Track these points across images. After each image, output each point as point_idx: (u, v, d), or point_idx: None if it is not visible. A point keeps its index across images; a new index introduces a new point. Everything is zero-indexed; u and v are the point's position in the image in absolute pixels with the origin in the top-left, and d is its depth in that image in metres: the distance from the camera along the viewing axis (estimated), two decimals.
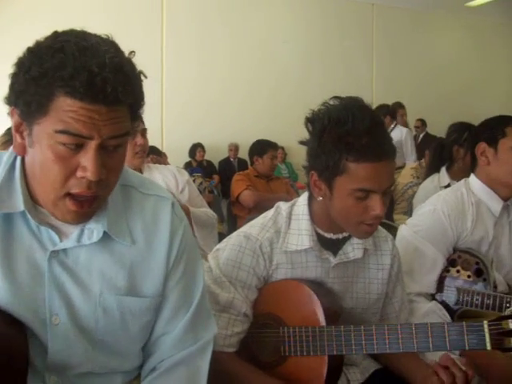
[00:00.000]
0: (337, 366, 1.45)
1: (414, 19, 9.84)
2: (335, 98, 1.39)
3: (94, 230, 1.08)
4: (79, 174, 0.97)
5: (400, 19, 9.73)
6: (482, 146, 1.96)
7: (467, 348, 1.27)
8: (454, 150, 3.13)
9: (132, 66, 1.00)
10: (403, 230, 2.00)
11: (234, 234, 1.55)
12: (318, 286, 1.49)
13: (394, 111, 6.36)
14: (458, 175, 2.11)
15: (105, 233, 1.08)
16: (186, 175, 2.79)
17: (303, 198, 1.55)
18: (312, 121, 1.40)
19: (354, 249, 1.52)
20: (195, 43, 8.24)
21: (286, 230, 1.50)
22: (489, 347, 1.24)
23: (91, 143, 0.95)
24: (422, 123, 8.54)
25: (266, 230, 1.50)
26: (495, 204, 1.96)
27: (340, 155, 1.32)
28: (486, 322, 1.25)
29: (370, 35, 9.65)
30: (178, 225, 1.18)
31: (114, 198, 1.10)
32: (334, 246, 1.52)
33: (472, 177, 2.04)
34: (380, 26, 9.66)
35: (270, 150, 4.38)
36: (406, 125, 6.87)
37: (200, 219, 2.61)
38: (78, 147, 0.96)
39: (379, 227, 1.62)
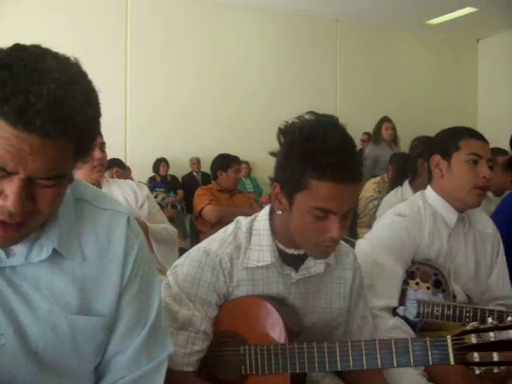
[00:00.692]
0: (300, 383, 1.43)
1: (375, 36, 10.04)
2: (311, 113, 1.38)
3: (44, 246, 1.03)
4: (0, 201, 0.89)
5: (362, 35, 9.92)
6: (436, 158, 1.97)
7: (431, 363, 1.26)
8: (419, 163, 3.16)
9: (82, 99, 0.90)
10: (362, 244, 1.99)
11: (194, 249, 1.52)
12: (279, 302, 1.46)
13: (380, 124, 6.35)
14: (421, 189, 2.12)
15: (54, 250, 1.04)
16: (145, 190, 2.75)
17: (264, 212, 1.53)
18: (284, 133, 1.38)
19: (315, 263, 1.51)
20: (161, 57, 8.24)
21: (247, 245, 1.48)
22: (452, 362, 1.23)
23: (16, 175, 0.88)
24: (369, 137, 8.67)
25: (225, 245, 1.47)
26: (450, 215, 1.97)
27: (304, 171, 1.30)
28: (449, 337, 1.24)
29: (333, 51, 9.79)
30: (133, 241, 1.14)
31: (66, 213, 1.06)
32: (295, 262, 1.50)
33: (428, 189, 2.04)
34: (343, 42, 9.82)
35: (233, 164, 4.36)
36: (392, 139, 6.42)
37: (159, 236, 2.56)
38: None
39: (341, 241, 1.61)
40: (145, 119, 8.12)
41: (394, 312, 1.88)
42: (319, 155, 1.28)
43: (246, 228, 1.50)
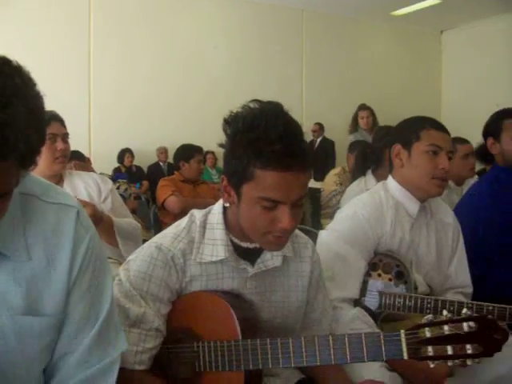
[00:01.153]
0: (256, 379, 1.39)
1: (342, 26, 10.06)
2: (255, 101, 1.33)
3: None
4: None
5: (329, 26, 9.92)
6: (397, 147, 1.95)
7: (384, 358, 1.23)
8: (386, 152, 3.14)
9: (23, 120, 0.83)
10: (323, 235, 1.96)
11: (146, 244, 1.46)
12: (233, 297, 1.42)
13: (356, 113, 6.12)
14: (384, 178, 2.10)
15: None
16: (109, 184, 2.67)
17: (218, 205, 1.48)
18: (228, 123, 1.34)
19: (273, 257, 1.46)
20: (124, 47, 8.08)
21: (201, 240, 1.43)
22: (406, 356, 1.20)
23: None
24: (320, 127, 8.69)
25: (178, 240, 1.42)
26: (412, 205, 1.96)
27: (248, 161, 1.26)
28: (402, 332, 1.21)
29: (299, 41, 9.77)
30: (82, 235, 1.08)
31: (10, 209, 0.98)
32: (251, 255, 1.45)
33: (390, 179, 2.02)
34: (309, 32, 9.80)
35: (196, 154, 4.31)
36: (370, 127, 6.09)
37: (124, 231, 2.48)
38: None
39: (299, 233, 1.59)
40: (108, 109, 7.97)
41: (356, 303, 1.86)
42: (262, 144, 1.24)
43: (200, 222, 1.45)
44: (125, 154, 8.15)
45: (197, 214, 1.49)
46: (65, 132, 2.44)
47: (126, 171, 8.12)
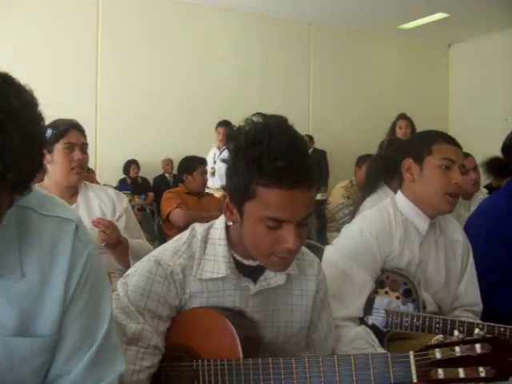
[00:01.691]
0: None
1: (349, 39, 10.05)
2: (259, 114, 1.28)
3: None
4: None
5: (336, 39, 9.92)
6: (408, 162, 1.91)
7: (392, 381, 1.17)
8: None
9: (17, 147, 0.79)
10: (330, 252, 1.91)
11: (145, 257, 1.41)
12: (235, 314, 1.36)
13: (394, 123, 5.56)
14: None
15: None
16: (124, 202, 2.55)
17: (220, 221, 1.42)
18: (231, 138, 1.29)
19: (276, 274, 1.41)
20: (132, 57, 8.11)
21: (201, 255, 1.38)
22: (415, 379, 1.14)
23: None
24: (310, 139, 8.61)
25: (178, 255, 1.37)
26: (422, 222, 1.90)
27: (251, 178, 1.20)
28: (411, 353, 1.16)
29: (307, 54, 9.77)
30: (80, 251, 1.03)
31: (5, 223, 0.93)
32: (254, 273, 1.40)
33: (399, 194, 1.98)
34: (317, 45, 9.80)
35: (199, 166, 4.28)
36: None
37: (137, 253, 2.40)
38: None
39: (305, 250, 1.53)
40: (114, 121, 7.96)
41: (361, 321, 1.80)
42: (265, 160, 1.18)
43: (202, 237, 1.40)
44: (130, 165, 8.12)
45: (198, 228, 1.44)
46: (84, 142, 2.36)
47: (132, 183, 8.10)
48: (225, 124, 6.43)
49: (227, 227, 1.40)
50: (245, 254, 1.37)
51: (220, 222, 1.41)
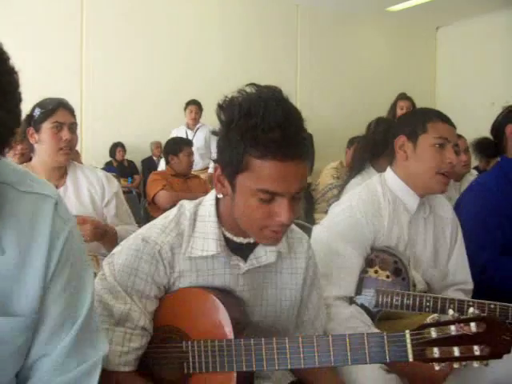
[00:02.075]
0: (247, 380, 1.32)
1: (337, 21, 9.96)
2: (252, 85, 1.24)
3: None
4: None
5: (323, 20, 9.82)
6: (402, 139, 1.88)
7: (388, 360, 1.16)
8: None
9: None
10: (319, 231, 1.89)
11: (132, 236, 1.37)
12: (224, 293, 1.34)
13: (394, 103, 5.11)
14: (384, 171, 2.03)
15: None
16: (115, 186, 2.46)
17: (210, 196, 1.39)
18: (223, 109, 1.24)
19: (266, 252, 1.38)
20: (117, 37, 7.97)
21: (190, 233, 1.34)
22: (411, 358, 1.14)
23: None
24: None
25: (166, 232, 1.33)
26: (411, 201, 1.89)
27: (244, 149, 1.17)
28: (407, 332, 1.14)
29: (294, 36, 9.68)
30: (60, 227, 1.00)
31: None
32: (244, 251, 1.37)
33: (388, 171, 1.95)
34: (304, 28, 9.70)
35: (185, 147, 4.23)
36: None
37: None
38: None
39: (295, 227, 1.51)
40: (100, 103, 7.83)
41: (351, 301, 1.79)
42: (260, 132, 1.15)
43: (190, 213, 1.36)
44: (116, 147, 8.04)
45: (187, 205, 1.40)
46: (73, 121, 2.30)
47: (118, 166, 8.02)
48: (194, 103, 6.51)
49: (217, 203, 1.36)
50: (235, 231, 1.34)
51: (209, 199, 1.38)
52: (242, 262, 1.36)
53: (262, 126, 1.15)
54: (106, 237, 2.24)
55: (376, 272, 1.79)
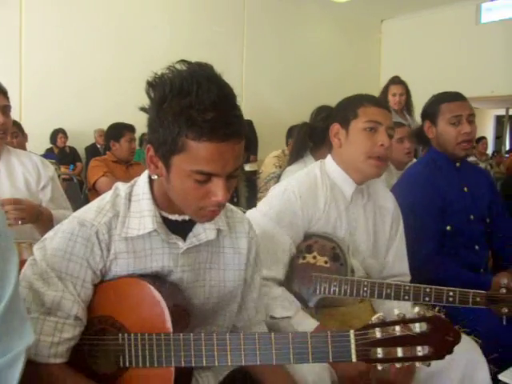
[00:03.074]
0: (186, 374, 1.29)
1: (283, 10, 9.97)
2: (183, 61, 1.19)
3: None
4: None
5: (270, 9, 9.81)
6: (336, 127, 1.89)
7: (331, 360, 1.14)
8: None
9: None
10: (252, 213, 1.87)
11: (66, 220, 1.32)
12: (162, 281, 1.31)
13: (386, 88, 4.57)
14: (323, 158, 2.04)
15: None
16: (50, 170, 2.39)
17: (143, 176, 1.35)
18: (153, 86, 1.20)
19: (205, 230, 1.36)
20: (59, 20, 7.69)
21: (126, 213, 1.31)
22: (354, 359, 1.12)
23: None
24: None
25: (103, 214, 1.29)
26: (347, 187, 1.89)
27: (179, 130, 1.13)
28: (352, 332, 1.13)
29: (241, 23, 9.62)
30: None
31: None
32: (182, 229, 1.34)
33: (328, 158, 1.96)
34: (251, 17, 9.66)
35: (126, 132, 4.12)
36: (402, 107, 4.62)
37: None
38: None
39: (235, 208, 1.50)
40: (41, 88, 7.54)
41: (280, 284, 1.79)
42: (195, 112, 1.12)
43: (125, 194, 1.33)
44: (58, 134, 7.79)
45: (121, 186, 1.37)
46: (6, 104, 2.19)
47: (59, 152, 7.78)
48: None
49: (151, 182, 1.33)
50: (170, 209, 1.32)
51: (143, 178, 1.35)
52: (181, 241, 1.33)
53: (197, 106, 1.11)
54: (41, 218, 2.17)
55: (314, 258, 1.79)
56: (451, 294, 1.72)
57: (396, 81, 4.47)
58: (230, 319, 1.48)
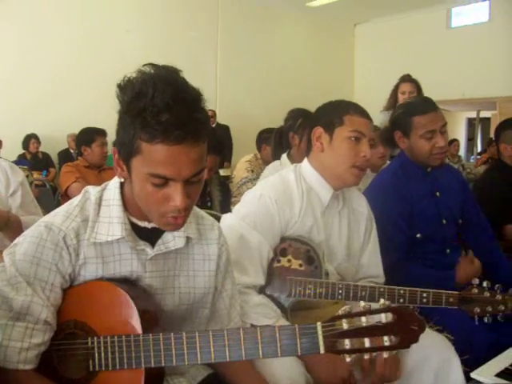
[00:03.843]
0: (156, 378, 1.27)
1: (257, 13, 10.02)
2: (150, 65, 1.19)
3: None
4: None
5: (244, 13, 9.84)
6: (319, 130, 1.87)
7: (299, 353, 1.15)
8: (290, 136, 3.09)
9: None
10: (228, 218, 1.87)
11: (35, 224, 1.30)
12: (132, 284, 1.29)
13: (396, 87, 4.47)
14: (297, 161, 2.03)
15: None
16: (20, 175, 2.35)
17: (114, 181, 1.34)
18: (122, 89, 1.19)
19: (174, 238, 1.35)
20: (26, 25, 7.57)
21: (95, 218, 1.29)
22: (322, 350, 1.13)
23: None
24: (213, 114, 8.53)
25: (71, 218, 1.27)
26: (325, 192, 1.89)
27: (134, 132, 1.13)
28: (319, 324, 1.14)
29: (215, 28, 9.61)
30: None
31: None
32: (151, 236, 1.33)
33: (305, 162, 1.95)
34: (225, 20, 9.67)
35: (97, 137, 4.09)
36: None
37: None
38: None
39: (205, 215, 1.49)
40: (12, 92, 7.43)
41: (260, 290, 1.78)
42: (148, 114, 1.11)
43: (95, 198, 1.31)
44: (30, 139, 7.69)
45: (92, 190, 1.35)
46: None
47: (32, 158, 7.68)
48: None
49: (121, 187, 1.32)
50: (140, 216, 1.31)
51: (114, 182, 1.34)
52: (150, 248, 1.32)
53: (151, 109, 1.11)
54: (10, 225, 2.13)
55: (289, 261, 1.78)
56: (425, 295, 1.74)
57: (406, 79, 4.33)
58: (201, 326, 1.47)
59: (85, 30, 8.06)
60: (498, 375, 1.48)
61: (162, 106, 1.10)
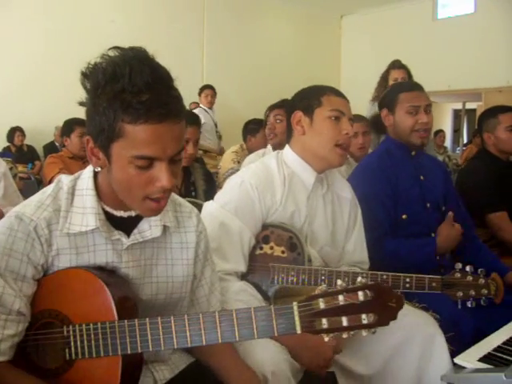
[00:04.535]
0: (135, 365, 1.25)
1: (243, 5, 9.94)
2: (116, 48, 1.17)
3: None
4: None
5: (230, 4, 9.76)
6: (298, 114, 1.88)
7: (276, 334, 1.14)
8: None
9: None
10: (209, 205, 1.85)
11: (7, 215, 1.27)
12: (108, 274, 1.27)
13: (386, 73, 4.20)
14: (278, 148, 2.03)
15: None
16: (2, 166, 2.38)
17: (88, 170, 1.31)
18: (87, 76, 1.17)
19: (151, 227, 1.32)
20: (16, 12, 7.44)
21: (68, 208, 1.26)
22: (299, 330, 1.12)
23: None
24: (197, 106, 8.52)
25: (43, 208, 1.24)
26: (308, 176, 1.89)
27: (115, 116, 1.11)
28: (295, 304, 1.13)
29: (200, 20, 9.54)
30: None
31: None
32: (127, 225, 1.30)
33: (286, 148, 1.95)
34: (211, 12, 9.60)
35: (76, 127, 3.99)
36: None
37: None
38: None
39: (183, 202, 1.46)
40: None
41: (242, 277, 1.77)
42: (129, 95, 1.10)
43: (68, 188, 1.28)
44: (15, 132, 7.61)
45: (65, 179, 1.32)
46: None
47: (17, 151, 7.62)
48: (209, 87, 6.93)
49: (95, 176, 1.29)
50: (115, 205, 1.28)
51: (87, 172, 1.31)
52: (125, 237, 1.29)
53: (130, 89, 1.09)
54: None
55: (271, 248, 1.78)
56: (408, 280, 1.74)
57: (397, 65, 4.14)
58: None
59: (70, 20, 7.95)
60: (481, 360, 1.49)
61: (141, 86, 1.09)
